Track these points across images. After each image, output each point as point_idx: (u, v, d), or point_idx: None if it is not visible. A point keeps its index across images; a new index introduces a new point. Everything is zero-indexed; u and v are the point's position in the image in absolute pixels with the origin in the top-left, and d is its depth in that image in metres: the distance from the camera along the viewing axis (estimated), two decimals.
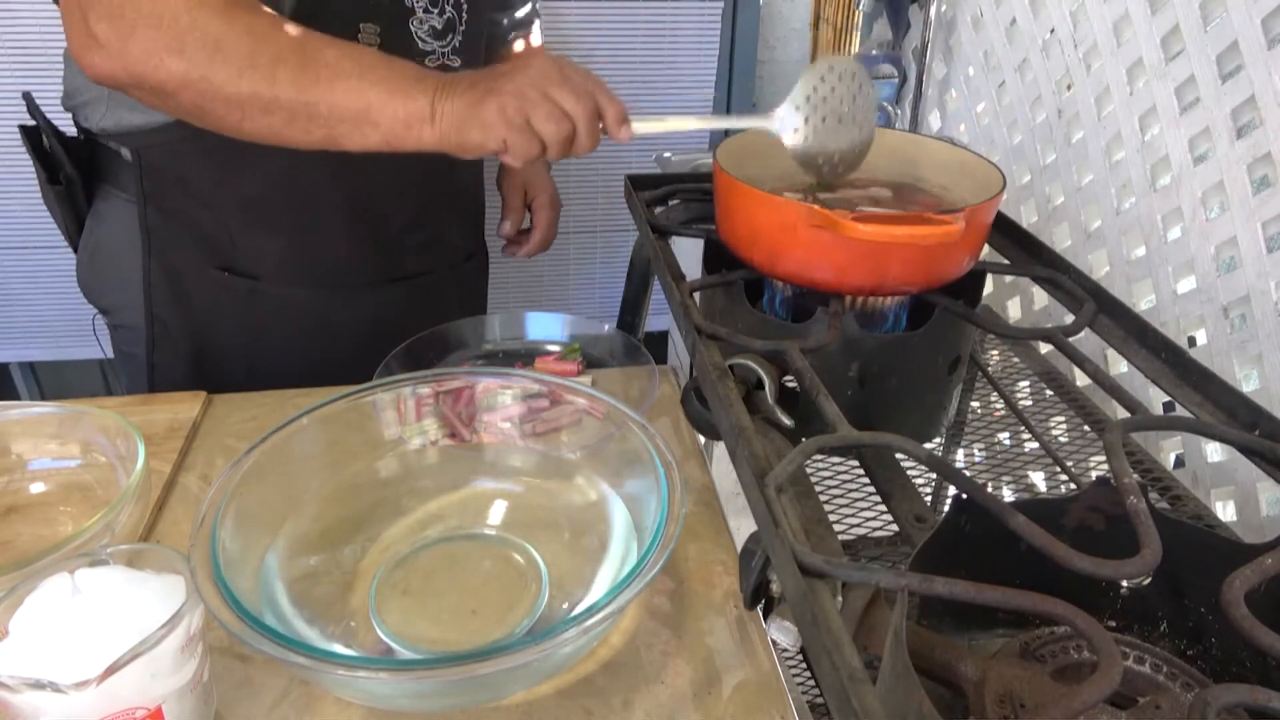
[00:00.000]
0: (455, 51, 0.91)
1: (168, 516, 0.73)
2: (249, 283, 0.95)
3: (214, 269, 0.94)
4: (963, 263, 0.69)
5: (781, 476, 0.50)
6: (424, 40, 0.88)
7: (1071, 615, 0.38)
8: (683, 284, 0.73)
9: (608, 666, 0.60)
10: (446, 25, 0.89)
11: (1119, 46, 0.99)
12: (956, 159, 0.77)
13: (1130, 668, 0.46)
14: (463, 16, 0.91)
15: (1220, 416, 0.57)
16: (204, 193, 0.91)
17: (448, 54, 0.91)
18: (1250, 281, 0.83)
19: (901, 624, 0.39)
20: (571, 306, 2.30)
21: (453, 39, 0.91)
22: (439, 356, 0.91)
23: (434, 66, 0.89)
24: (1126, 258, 1.00)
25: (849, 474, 0.80)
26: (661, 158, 1.90)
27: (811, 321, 0.67)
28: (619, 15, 2.00)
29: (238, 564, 0.55)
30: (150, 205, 0.91)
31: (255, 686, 0.58)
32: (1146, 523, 0.43)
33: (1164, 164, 0.94)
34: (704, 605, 0.65)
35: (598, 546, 0.64)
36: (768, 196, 0.67)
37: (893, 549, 0.70)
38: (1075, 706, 0.34)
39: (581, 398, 0.69)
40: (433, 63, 0.90)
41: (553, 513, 0.69)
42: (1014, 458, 0.92)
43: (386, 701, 0.56)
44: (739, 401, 0.59)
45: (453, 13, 0.90)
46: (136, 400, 0.85)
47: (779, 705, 0.58)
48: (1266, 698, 0.36)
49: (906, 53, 1.56)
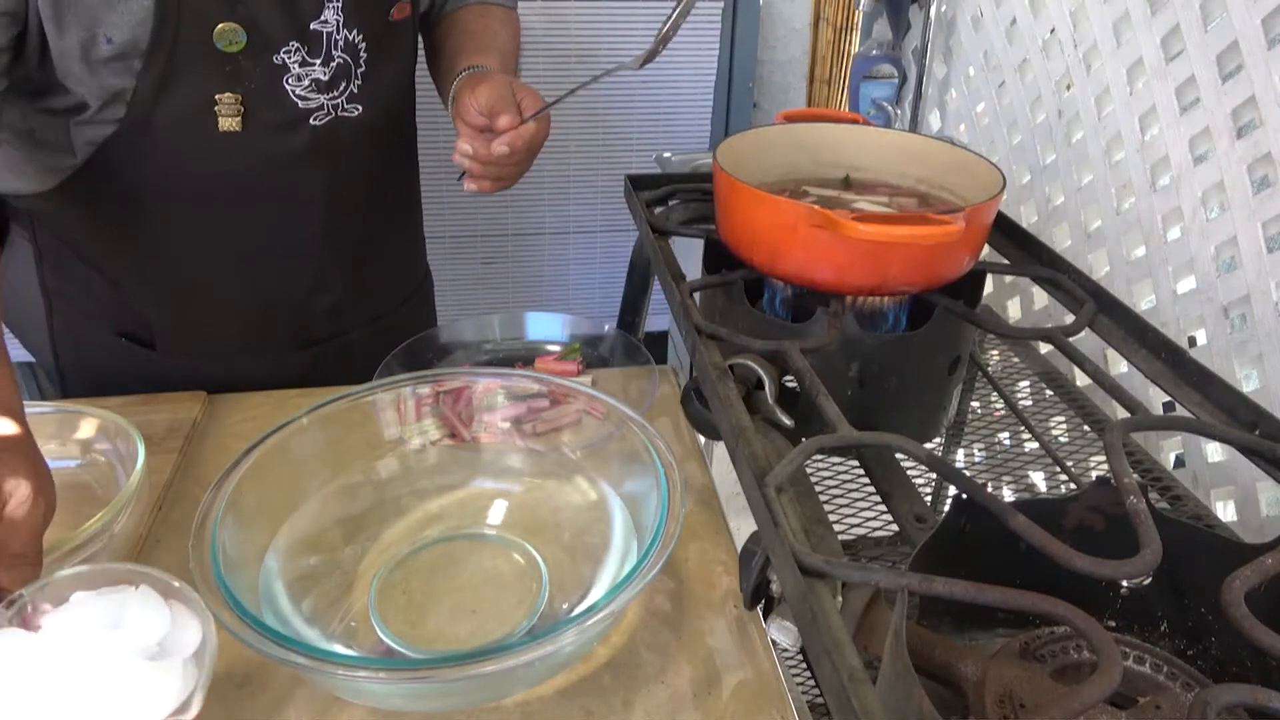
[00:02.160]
0: (352, 99, 0.85)
1: (168, 516, 0.72)
2: (144, 350, 0.91)
3: (111, 334, 0.91)
4: (963, 263, 0.69)
5: (781, 476, 0.50)
6: (305, 98, 0.82)
7: (1071, 615, 0.38)
8: (683, 284, 0.73)
9: (608, 666, 0.60)
10: (337, 73, 0.83)
11: (1119, 46, 0.99)
12: (956, 159, 0.77)
13: (1130, 668, 0.46)
14: (359, 59, 0.84)
15: (1220, 416, 0.57)
16: (93, 257, 0.88)
17: (341, 104, 0.85)
18: (1250, 281, 0.83)
19: (901, 624, 0.39)
20: (571, 306, 2.30)
21: (347, 87, 0.84)
22: (439, 357, 0.91)
23: (323, 121, 0.84)
24: (1126, 258, 0.99)
25: (849, 474, 0.80)
26: (661, 158, 1.90)
27: (811, 321, 0.67)
28: (619, 15, 2.00)
29: (238, 564, 0.55)
30: (46, 265, 0.90)
31: (255, 686, 0.58)
32: (1146, 523, 0.43)
33: (1164, 164, 0.94)
34: (704, 605, 0.65)
35: (598, 546, 0.64)
36: (768, 196, 0.67)
37: (893, 549, 0.70)
38: (1075, 706, 0.34)
39: (581, 398, 0.69)
40: (321, 118, 0.84)
41: (553, 513, 0.69)
42: (1014, 458, 0.92)
43: (386, 701, 0.56)
44: (739, 401, 0.59)
45: (343, 58, 0.83)
46: (136, 400, 0.85)
47: (779, 705, 0.58)
48: (1266, 698, 0.36)
49: (906, 53, 1.56)
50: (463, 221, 2.13)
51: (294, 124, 0.83)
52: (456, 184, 0.90)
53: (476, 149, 0.85)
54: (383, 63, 0.87)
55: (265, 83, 0.79)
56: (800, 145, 0.82)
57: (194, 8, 0.74)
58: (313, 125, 0.84)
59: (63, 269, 0.90)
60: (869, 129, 0.83)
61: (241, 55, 0.77)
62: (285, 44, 0.79)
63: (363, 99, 0.86)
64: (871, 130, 0.83)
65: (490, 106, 0.84)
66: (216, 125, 0.79)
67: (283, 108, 0.81)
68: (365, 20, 0.84)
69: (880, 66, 1.56)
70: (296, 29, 0.79)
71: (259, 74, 0.79)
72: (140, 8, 0.71)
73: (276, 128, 0.82)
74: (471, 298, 2.23)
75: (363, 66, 0.85)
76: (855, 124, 0.84)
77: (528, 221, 2.18)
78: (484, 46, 0.96)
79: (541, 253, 2.23)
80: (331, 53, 0.82)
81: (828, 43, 1.97)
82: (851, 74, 1.63)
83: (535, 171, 2.48)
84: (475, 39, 0.97)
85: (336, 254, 0.93)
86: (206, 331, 0.93)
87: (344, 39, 0.82)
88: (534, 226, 2.19)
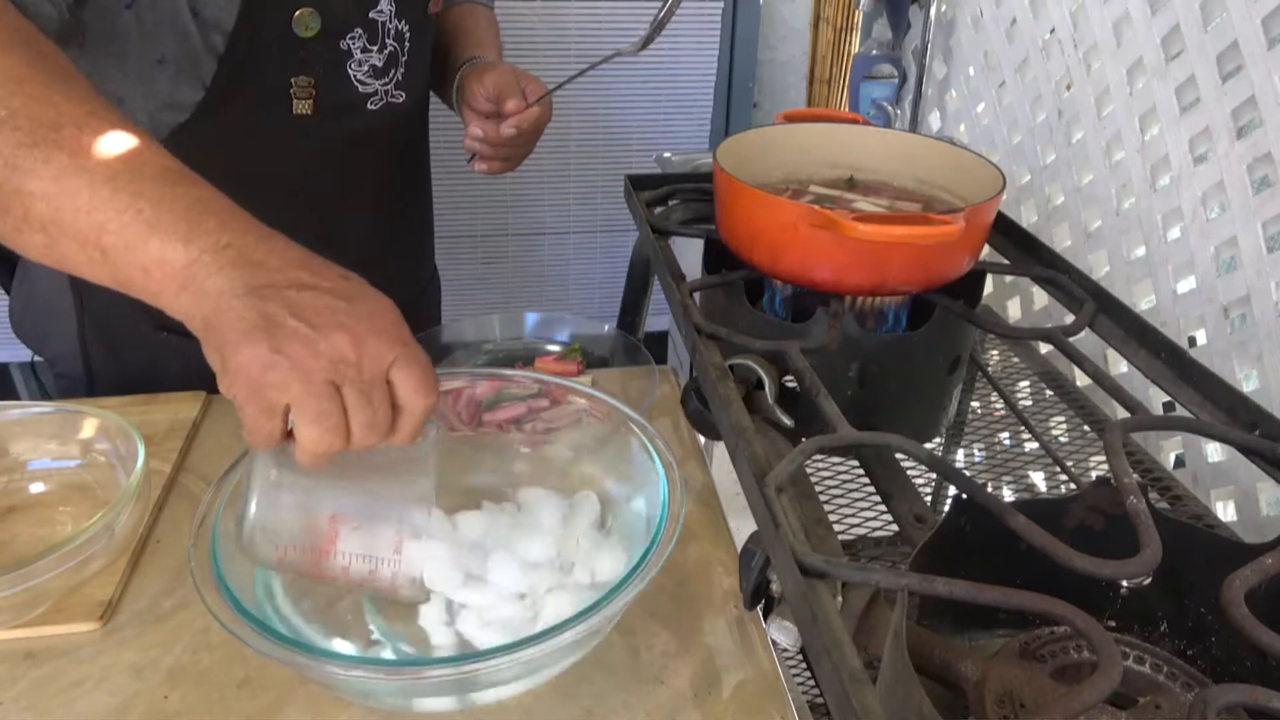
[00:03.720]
0: (399, 86, 0.89)
1: (168, 516, 0.72)
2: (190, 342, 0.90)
3: (151, 329, 0.89)
4: (963, 263, 0.69)
5: (781, 476, 0.50)
6: (363, 82, 0.85)
7: (1071, 615, 0.38)
8: (683, 284, 0.73)
9: (608, 666, 0.60)
10: (388, 61, 0.86)
11: (1119, 46, 0.99)
12: (956, 159, 0.77)
13: (1130, 668, 0.46)
14: (405, 48, 0.88)
15: (1220, 416, 0.57)
16: None
17: (390, 90, 0.88)
18: (1250, 281, 0.83)
19: (901, 624, 0.39)
20: (571, 306, 2.30)
21: (395, 74, 0.88)
22: (439, 357, 0.91)
23: (378, 106, 0.87)
24: (1126, 258, 0.99)
25: (849, 474, 0.80)
26: (661, 157, 1.90)
27: (811, 321, 0.67)
28: (619, 15, 2.00)
29: (237, 564, 0.55)
30: None
31: (255, 686, 0.58)
32: (1146, 523, 0.43)
33: (1164, 164, 0.94)
34: (704, 605, 0.65)
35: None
36: (768, 196, 0.67)
37: (893, 549, 0.70)
38: (1075, 706, 0.34)
39: (581, 398, 0.69)
40: (375, 103, 0.87)
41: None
42: (1014, 458, 0.92)
43: (385, 700, 0.56)
44: (739, 401, 0.59)
45: (394, 46, 0.86)
46: (136, 400, 0.85)
47: (779, 705, 0.58)
48: (1266, 698, 0.36)
49: (906, 53, 1.55)
50: (463, 221, 2.13)
51: (355, 108, 0.86)
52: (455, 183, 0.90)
53: (487, 132, 0.91)
54: (420, 52, 0.91)
55: (332, 67, 0.82)
56: (800, 145, 0.82)
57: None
58: (369, 110, 0.87)
59: None
60: (869, 129, 0.83)
61: (315, 40, 0.79)
62: (351, 30, 0.82)
63: (406, 86, 0.90)
64: (872, 130, 0.83)
65: (498, 92, 0.91)
66: (291, 108, 0.81)
67: (346, 92, 0.84)
68: (411, 11, 0.87)
69: (880, 66, 1.56)
70: (360, 16, 0.82)
71: (328, 58, 0.81)
72: None
73: (341, 111, 0.85)
74: (471, 298, 2.23)
75: (406, 56, 0.88)
76: (855, 124, 0.84)
77: (528, 221, 2.18)
78: (479, 40, 1.01)
79: (541, 253, 2.23)
80: (385, 40, 0.85)
81: (828, 43, 1.97)
82: (851, 74, 1.63)
83: (535, 171, 2.49)
84: (470, 34, 1.01)
85: (382, 243, 0.97)
86: None
87: (394, 28, 0.86)
88: (534, 226, 2.19)
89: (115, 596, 0.64)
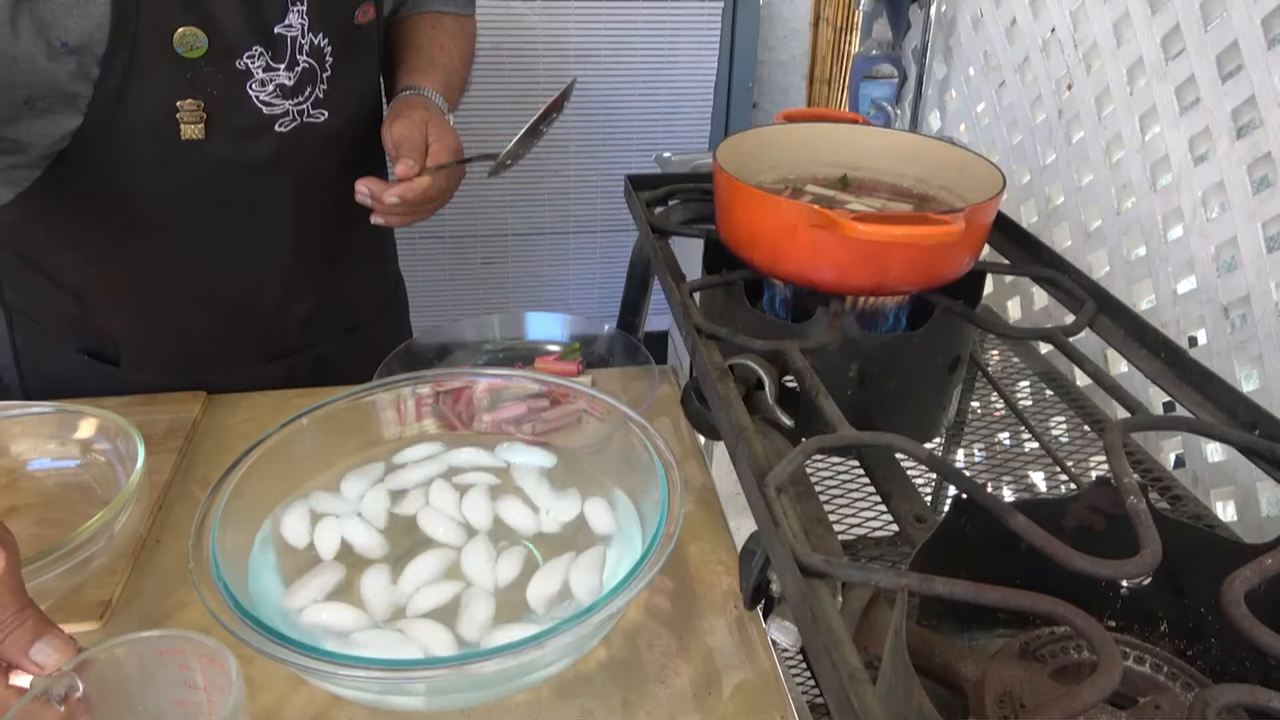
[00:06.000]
0: (319, 105, 0.83)
1: (168, 516, 0.73)
2: (109, 368, 0.89)
3: (74, 352, 0.89)
4: (963, 263, 0.69)
5: (781, 476, 0.50)
6: (269, 103, 0.79)
7: (1071, 615, 0.38)
8: (683, 284, 0.73)
9: (608, 666, 0.60)
10: (302, 78, 0.80)
11: (1119, 46, 0.99)
12: (956, 159, 0.77)
13: (1130, 668, 0.46)
14: (325, 64, 0.82)
15: (1220, 416, 0.57)
16: (54, 273, 0.86)
17: (307, 110, 0.82)
18: (1250, 281, 0.83)
19: (901, 624, 0.39)
20: (571, 306, 2.30)
21: (313, 92, 0.82)
22: (439, 356, 0.91)
23: (288, 128, 0.81)
24: (1126, 258, 1.00)
25: (849, 474, 0.80)
26: (661, 158, 1.90)
27: (811, 321, 0.67)
28: (619, 15, 2.00)
29: (238, 564, 0.55)
30: (5, 281, 0.88)
31: (255, 687, 0.58)
32: (1146, 523, 0.43)
33: (1164, 164, 0.94)
34: (704, 605, 0.65)
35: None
36: (768, 196, 0.67)
37: (893, 549, 0.70)
38: (1075, 706, 0.34)
39: (581, 398, 0.69)
40: (286, 124, 0.81)
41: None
42: (1014, 458, 0.92)
43: (386, 701, 0.56)
44: (739, 401, 0.59)
45: (309, 63, 0.80)
46: (136, 400, 0.85)
47: (779, 705, 0.58)
48: (1266, 698, 0.36)
49: (906, 53, 1.56)
50: (463, 221, 2.13)
51: (258, 131, 0.80)
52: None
53: (374, 189, 0.82)
54: (349, 67, 0.85)
55: (228, 89, 0.77)
56: (800, 145, 0.82)
57: (153, 11, 0.71)
58: (278, 132, 0.81)
59: (23, 285, 0.88)
60: (869, 129, 0.83)
61: (203, 61, 0.75)
62: (248, 49, 0.77)
63: (329, 104, 0.84)
64: (871, 130, 0.83)
65: (397, 146, 0.82)
66: (179, 134, 0.76)
67: (246, 115, 0.79)
68: (331, 23, 0.81)
69: (880, 66, 1.56)
70: (260, 33, 0.77)
71: (221, 80, 0.76)
72: (97, 11, 0.69)
73: (241, 135, 0.79)
74: (471, 298, 2.23)
75: (328, 71, 0.83)
76: (855, 124, 0.84)
77: (528, 221, 2.18)
78: (427, 63, 0.93)
79: (541, 253, 2.23)
80: (296, 57, 0.79)
81: (828, 43, 1.97)
82: (851, 74, 1.63)
83: (535, 171, 2.49)
84: (420, 53, 0.94)
85: (308, 263, 0.91)
86: (174, 347, 0.90)
87: (309, 43, 0.80)
88: (534, 226, 2.19)
89: (115, 596, 0.64)
